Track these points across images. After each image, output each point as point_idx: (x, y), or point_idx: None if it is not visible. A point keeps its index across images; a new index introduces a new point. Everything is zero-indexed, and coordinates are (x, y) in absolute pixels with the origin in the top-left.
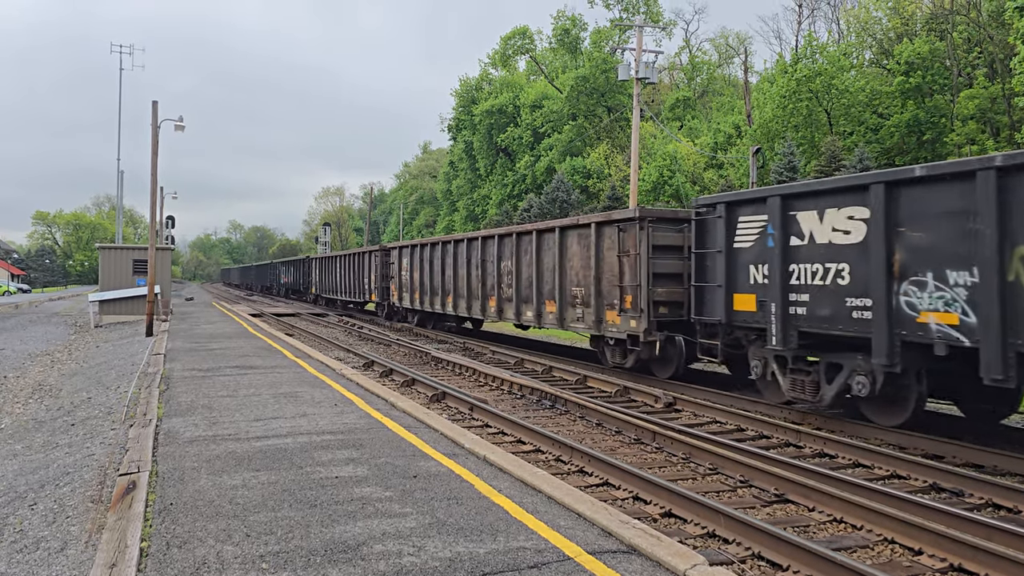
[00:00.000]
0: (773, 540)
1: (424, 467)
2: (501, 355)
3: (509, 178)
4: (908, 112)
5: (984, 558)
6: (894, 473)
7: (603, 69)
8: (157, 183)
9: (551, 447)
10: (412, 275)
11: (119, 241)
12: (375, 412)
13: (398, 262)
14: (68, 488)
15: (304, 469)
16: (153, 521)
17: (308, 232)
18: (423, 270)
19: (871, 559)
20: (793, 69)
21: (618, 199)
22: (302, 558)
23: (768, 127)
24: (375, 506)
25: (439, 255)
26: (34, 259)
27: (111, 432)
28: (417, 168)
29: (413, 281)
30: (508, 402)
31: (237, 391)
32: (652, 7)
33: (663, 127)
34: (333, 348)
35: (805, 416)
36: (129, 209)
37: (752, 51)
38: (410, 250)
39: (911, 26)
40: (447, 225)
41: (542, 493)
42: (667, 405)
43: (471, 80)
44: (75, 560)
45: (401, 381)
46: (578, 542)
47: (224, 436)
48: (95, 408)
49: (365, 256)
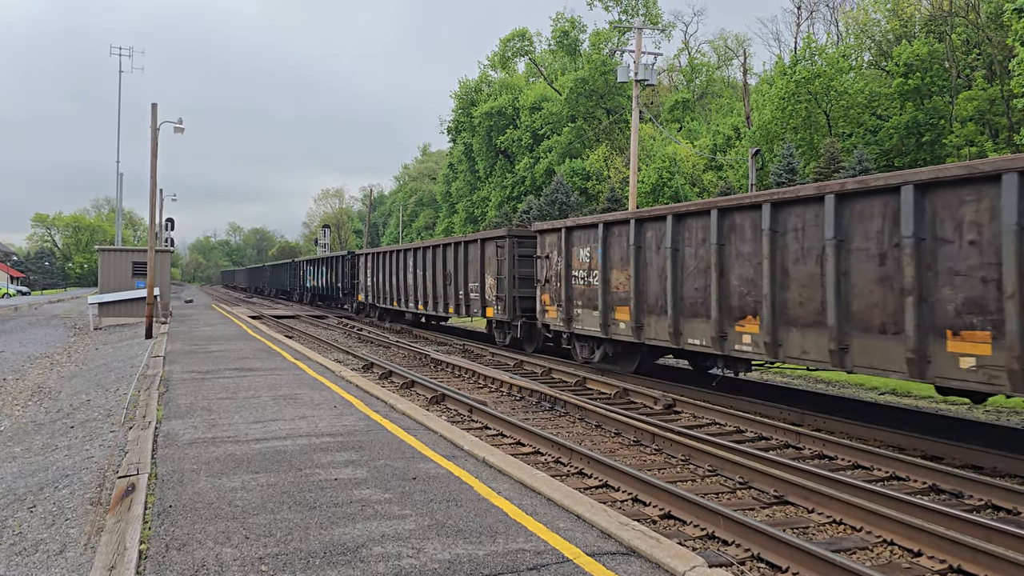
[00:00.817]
0: (772, 542)
1: (423, 469)
2: (501, 357)
3: (508, 180)
4: (907, 114)
5: (984, 560)
6: (893, 474)
7: (602, 71)
8: (156, 185)
9: (550, 449)
10: (369, 278)
11: (118, 243)
12: (374, 414)
13: (363, 267)
14: (67, 490)
15: (303, 471)
16: (152, 523)
17: (307, 234)
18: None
19: (870, 561)
20: (792, 71)
21: (617, 201)
22: (301, 560)
23: (767, 129)
24: (374, 508)
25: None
26: (33, 261)
27: (110, 434)
28: (416, 170)
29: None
30: (507, 404)
31: (236, 393)
32: (651, 9)
33: (662, 129)
34: (332, 350)
35: (804, 417)
36: (128, 211)
37: (751, 53)
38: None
39: (910, 28)
40: (447, 227)
41: (541, 495)
42: (666, 407)
43: (470, 82)
44: (74, 562)
45: (400, 383)
46: (577, 544)
47: (223, 438)
48: (94, 410)
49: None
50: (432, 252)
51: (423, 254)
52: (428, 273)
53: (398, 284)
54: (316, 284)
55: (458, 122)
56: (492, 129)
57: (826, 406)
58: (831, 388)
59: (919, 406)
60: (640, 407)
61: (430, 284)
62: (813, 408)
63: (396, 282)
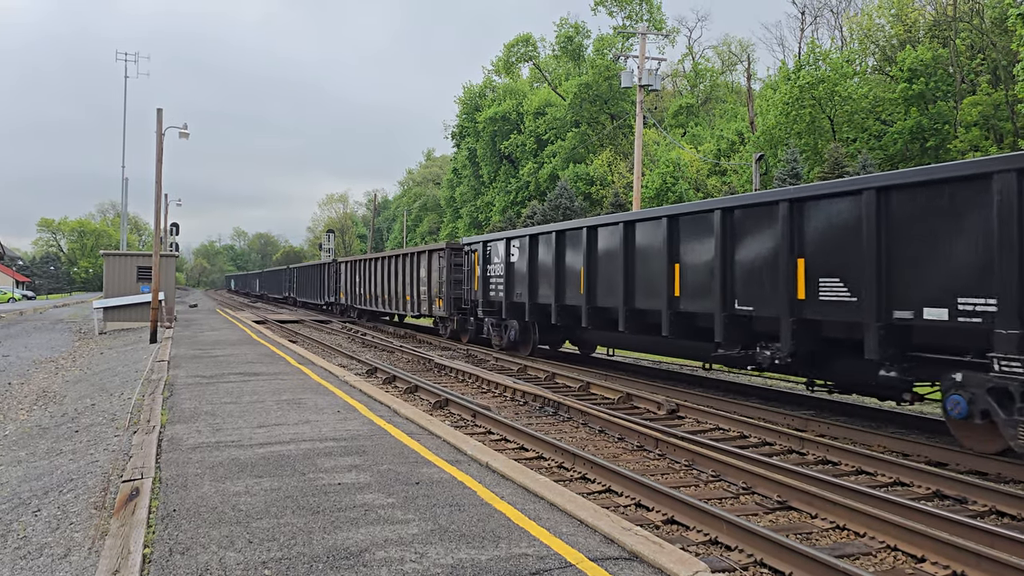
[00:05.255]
0: (775, 547)
1: (427, 474)
2: (504, 361)
3: (512, 185)
4: (911, 119)
5: (988, 566)
6: (897, 480)
7: (606, 76)
8: (162, 190)
9: (554, 454)
10: (348, 283)
11: (123, 248)
12: (378, 419)
13: (344, 273)
14: (72, 494)
15: (307, 476)
16: (156, 527)
17: (312, 239)
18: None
19: (874, 566)
20: (796, 76)
21: (621, 206)
22: (304, 564)
23: (771, 134)
24: (377, 513)
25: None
26: (39, 266)
27: (115, 439)
28: (421, 175)
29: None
30: (511, 409)
31: (240, 398)
32: (655, 15)
33: (666, 134)
34: (336, 355)
35: (808, 422)
36: (133, 216)
37: (755, 58)
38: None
39: (914, 33)
40: (450, 232)
41: (544, 500)
42: (670, 412)
43: (474, 87)
44: (78, 566)
45: (404, 388)
46: (580, 549)
47: (227, 443)
48: (99, 415)
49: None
50: (392, 261)
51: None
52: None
53: (370, 288)
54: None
55: (462, 127)
56: (496, 134)
57: (830, 411)
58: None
59: (923, 412)
60: (643, 412)
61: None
62: (817, 413)
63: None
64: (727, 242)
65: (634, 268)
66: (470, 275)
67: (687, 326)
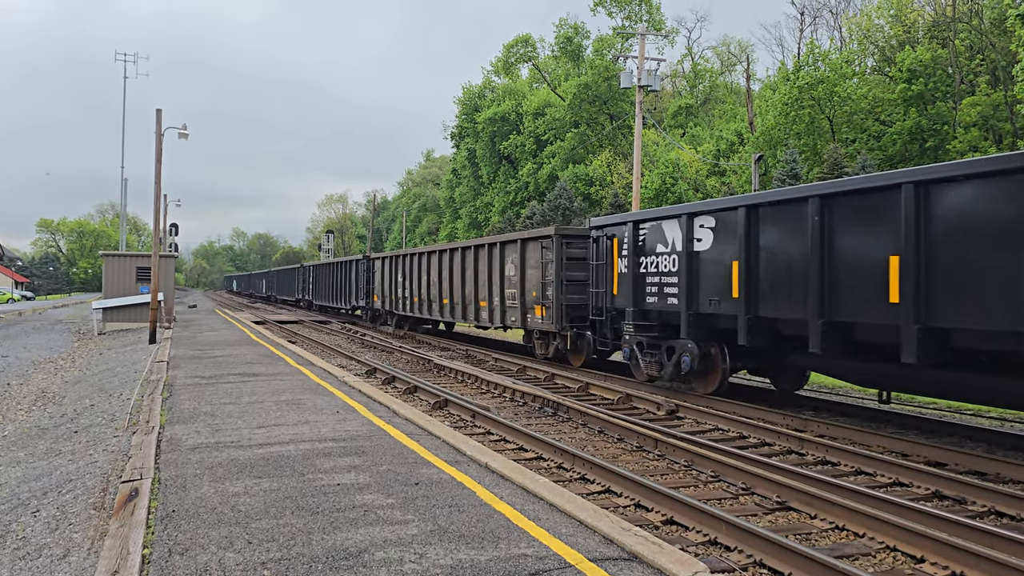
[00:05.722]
0: (775, 547)
1: (426, 474)
2: (504, 362)
3: (512, 185)
4: (910, 119)
5: (987, 566)
6: (896, 481)
7: (605, 77)
8: (161, 190)
9: (553, 454)
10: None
11: (123, 248)
12: (377, 419)
13: (384, 271)
14: (71, 495)
15: (306, 476)
16: (155, 528)
17: (311, 239)
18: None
19: (873, 567)
20: (795, 76)
21: (620, 207)
22: (304, 565)
23: (770, 134)
24: (377, 513)
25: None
26: (38, 266)
27: (114, 439)
28: (420, 175)
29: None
30: (510, 409)
31: (240, 398)
32: (654, 15)
33: (665, 134)
34: (336, 355)
35: (807, 423)
36: (132, 216)
37: (754, 59)
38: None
39: (913, 34)
40: (450, 232)
41: (544, 500)
42: (669, 412)
43: (474, 88)
44: (77, 567)
45: (403, 388)
46: (579, 549)
47: (226, 443)
48: (98, 415)
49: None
50: (455, 255)
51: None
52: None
53: (419, 290)
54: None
55: (462, 128)
56: (496, 135)
57: (829, 412)
58: (835, 395)
59: (922, 412)
60: (643, 412)
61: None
62: (816, 414)
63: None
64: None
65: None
66: (602, 272)
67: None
